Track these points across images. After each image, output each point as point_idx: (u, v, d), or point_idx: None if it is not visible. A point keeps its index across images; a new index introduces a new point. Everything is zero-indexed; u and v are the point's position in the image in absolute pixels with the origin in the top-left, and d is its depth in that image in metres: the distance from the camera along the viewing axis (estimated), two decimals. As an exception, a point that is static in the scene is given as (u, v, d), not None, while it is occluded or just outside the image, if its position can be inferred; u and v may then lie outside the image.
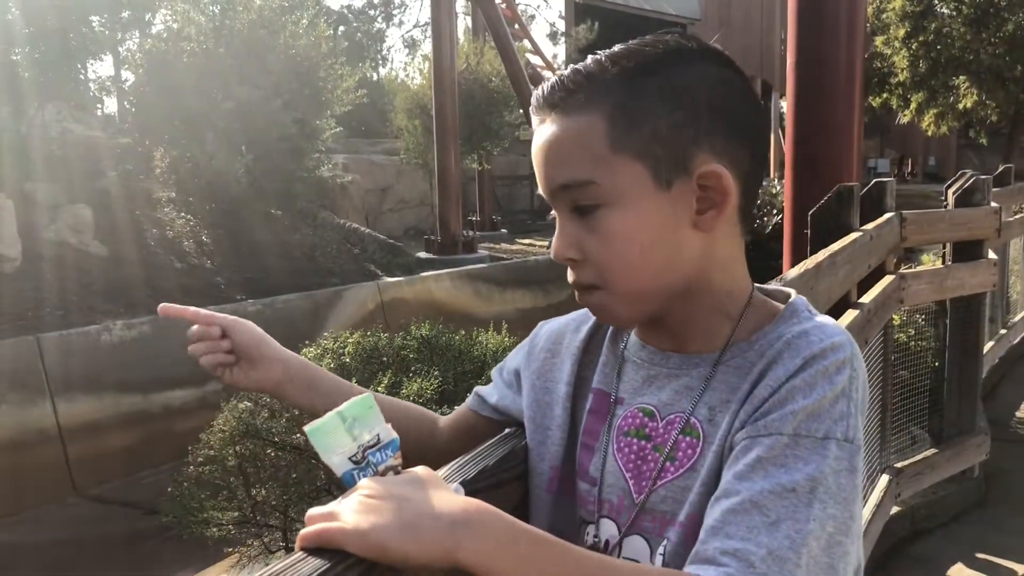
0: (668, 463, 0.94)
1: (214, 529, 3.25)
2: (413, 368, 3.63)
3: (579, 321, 1.13)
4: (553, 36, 41.07)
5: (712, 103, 0.92)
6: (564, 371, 1.09)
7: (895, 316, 4.97)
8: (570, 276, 0.96)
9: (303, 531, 0.73)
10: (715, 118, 0.92)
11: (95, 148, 12.70)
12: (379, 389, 3.33)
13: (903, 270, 4.01)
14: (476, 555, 0.69)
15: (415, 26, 44.77)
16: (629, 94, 0.90)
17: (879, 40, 16.35)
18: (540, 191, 0.97)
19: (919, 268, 4.50)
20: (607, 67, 0.92)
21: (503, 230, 22.54)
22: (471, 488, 0.94)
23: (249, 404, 3.26)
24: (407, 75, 24.07)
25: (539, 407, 1.10)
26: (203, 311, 1.17)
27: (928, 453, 4.15)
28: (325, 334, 4.07)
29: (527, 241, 19.90)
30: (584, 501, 1.03)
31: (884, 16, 16.18)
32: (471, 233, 18.54)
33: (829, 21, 4.71)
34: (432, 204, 18.65)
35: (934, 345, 4.68)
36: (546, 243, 18.23)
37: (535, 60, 25.40)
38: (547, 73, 25.18)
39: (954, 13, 15.43)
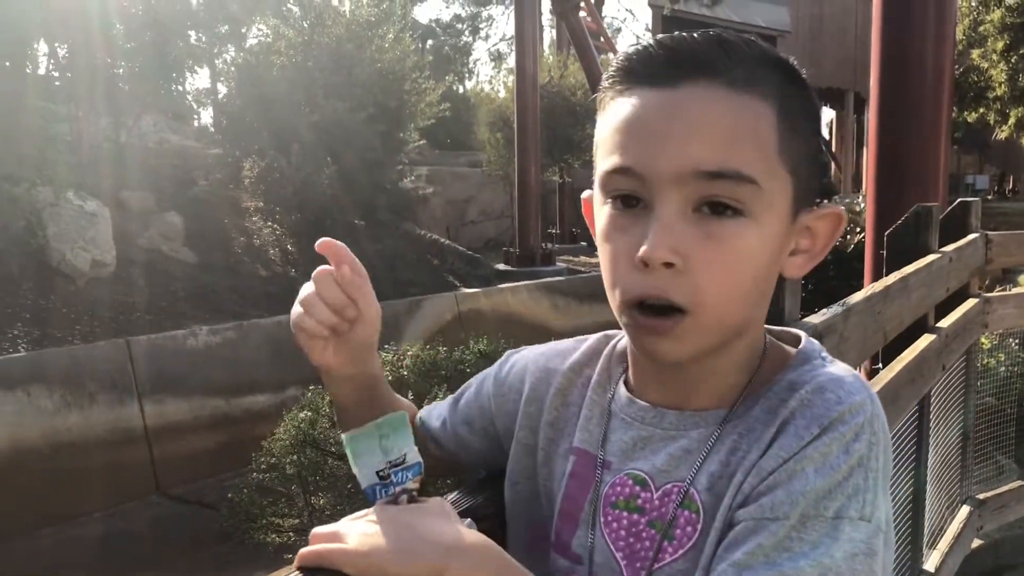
0: (666, 542, 0.82)
1: (274, 535, 3.32)
2: (470, 382, 3.64)
3: (562, 356, 0.98)
4: (639, 49, 40.84)
5: (822, 135, 0.84)
6: (551, 418, 0.95)
7: (984, 340, 4.79)
8: (643, 288, 0.76)
9: (303, 550, 0.73)
10: (824, 152, 0.85)
11: (189, 158, 13.16)
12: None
13: (989, 294, 3.85)
14: None
15: (501, 39, 45.15)
16: (788, 93, 0.78)
17: (976, 53, 15.79)
18: (629, 166, 0.76)
19: (1007, 292, 4.31)
20: (764, 50, 0.78)
21: (583, 243, 22.48)
22: None
23: (309, 414, 3.32)
24: (492, 88, 24.25)
25: (527, 457, 0.95)
26: (359, 263, 0.93)
27: (1015, 484, 3.97)
28: (385, 346, 4.12)
29: (607, 254, 19.80)
30: None
31: (982, 28, 15.63)
32: (550, 246, 18.54)
33: (916, 29, 4.56)
34: (512, 216, 18.73)
35: (1026, 372, 4.49)
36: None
37: (620, 73, 25.27)
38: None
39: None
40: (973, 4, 15.95)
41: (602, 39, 24.73)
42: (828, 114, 35.13)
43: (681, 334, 0.77)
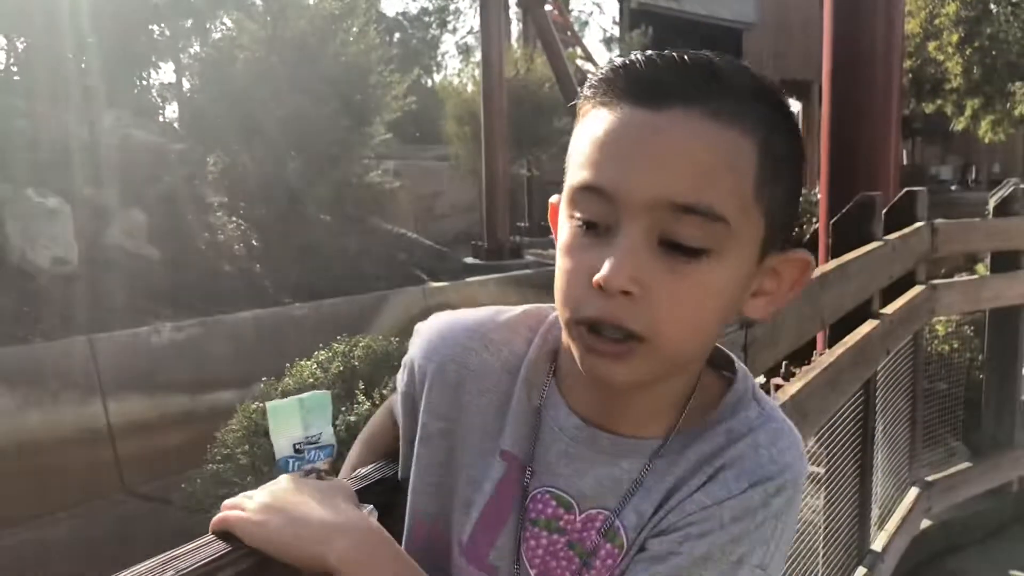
0: (584, 570, 0.80)
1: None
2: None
3: (481, 333, 0.89)
4: (608, 42, 40.97)
5: (800, 184, 0.79)
6: (475, 410, 0.87)
7: (940, 327, 4.89)
8: (595, 310, 0.72)
9: (215, 516, 0.79)
10: (798, 196, 0.80)
11: (153, 153, 13.03)
12: (384, 392, 3.42)
13: (937, 281, 3.94)
14: (342, 562, 0.72)
15: (469, 32, 45.05)
16: (774, 134, 0.74)
17: (932, 46, 16.01)
18: (600, 186, 0.72)
19: (954, 279, 4.41)
20: (757, 85, 0.74)
21: (551, 236, 22.51)
22: None
23: (262, 404, 3.36)
24: (460, 81, 24.22)
25: (438, 450, 0.88)
26: None
27: (962, 466, 4.07)
28: (338, 337, 4.17)
29: (576, 247, 19.85)
30: None
31: (937, 21, 15.86)
32: (518, 239, 18.58)
33: (866, 24, 4.64)
34: (480, 210, 18.77)
35: (979, 358, 4.59)
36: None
37: (587, 67, 25.38)
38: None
39: (1011, 18, 15.07)
40: (929, -3, 16.22)
41: (568, 33, 24.77)
42: (795, 106, 35.46)
43: (632, 361, 0.73)
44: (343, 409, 3.22)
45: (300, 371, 3.81)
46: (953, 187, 29.54)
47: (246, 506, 0.78)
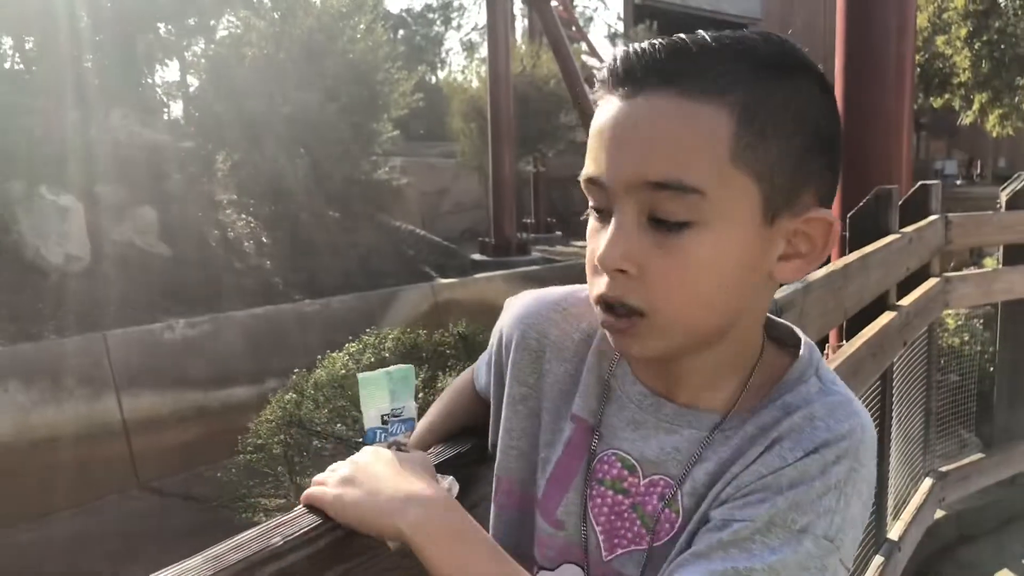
0: (645, 531, 0.84)
1: (261, 515, 3.42)
2: (449, 363, 3.77)
3: (560, 306, 0.95)
4: (612, 37, 40.95)
5: (827, 132, 0.77)
6: (553, 378, 0.93)
7: (950, 320, 4.91)
8: (602, 288, 0.78)
9: (306, 490, 0.84)
10: (827, 151, 0.78)
11: (160, 151, 13.08)
12: (417, 383, 3.44)
13: (951, 273, 3.97)
14: (413, 529, 0.74)
15: (474, 28, 45.07)
16: (759, 96, 0.74)
17: (940, 40, 15.99)
18: (596, 176, 0.77)
19: (967, 272, 4.44)
20: (737, 51, 0.75)
21: (558, 232, 22.57)
22: None
23: (295, 395, 3.41)
24: (465, 78, 24.24)
25: (521, 415, 0.94)
26: None
27: (975, 457, 4.10)
28: (367, 330, 4.23)
29: (581, 244, 19.83)
30: (543, 544, 0.90)
31: (945, 15, 15.83)
32: (525, 236, 18.62)
33: (878, 18, 4.67)
34: (487, 207, 18.80)
35: (989, 350, 4.63)
36: (601, 245, 18.20)
37: (592, 62, 25.40)
38: (604, 75, 25.10)
39: (1019, 11, 15.04)
40: (938, -9, 16.18)
41: (573, 28, 24.77)
42: (798, 101, 35.41)
43: (640, 334, 0.78)
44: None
45: (332, 362, 3.86)
46: (958, 182, 29.51)
47: (328, 480, 0.83)
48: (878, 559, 2.93)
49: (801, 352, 0.85)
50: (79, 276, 9.36)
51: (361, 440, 0.93)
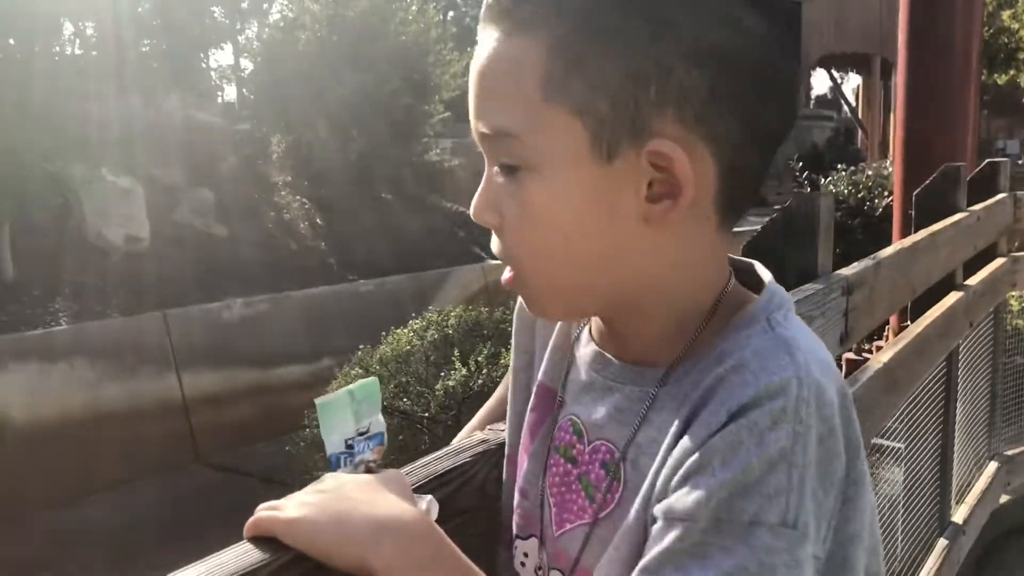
0: (588, 502, 0.76)
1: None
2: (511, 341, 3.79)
3: None
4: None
5: (697, 49, 0.65)
6: (540, 343, 0.89)
7: (1014, 302, 4.80)
8: (493, 244, 0.74)
9: (249, 520, 0.71)
10: (696, 71, 0.65)
11: (216, 134, 13.27)
12: (479, 360, 3.52)
13: (1018, 253, 3.88)
14: (385, 567, 0.65)
15: (523, 10, 44.76)
16: (585, 20, 0.65)
17: (1006, 14, 15.56)
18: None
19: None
20: None
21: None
22: (440, 483, 0.88)
23: (360, 371, 3.47)
24: (514, 59, 24.18)
25: (520, 383, 0.91)
26: None
27: (1042, 441, 4.02)
28: (429, 308, 4.27)
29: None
30: (516, 513, 0.85)
31: (1012, -11, 15.44)
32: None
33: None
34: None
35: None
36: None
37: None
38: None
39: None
40: (1004, -36, 15.72)
41: None
42: (854, 80, 34.68)
43: (521, 289, 0.75)
44: (441, 375, 3.31)
45: (397, 339, 3.87)
46: (1020, 161, 28.73)
47: (286, 505, 0.71)
48: (943, 542, 2.90)
49: (760, 296, 0.73)
50: (139, 256, 9.56)
51: (426, 416, 0.90)
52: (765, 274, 0.77)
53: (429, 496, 0.79)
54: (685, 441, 0.64)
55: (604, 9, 0.65)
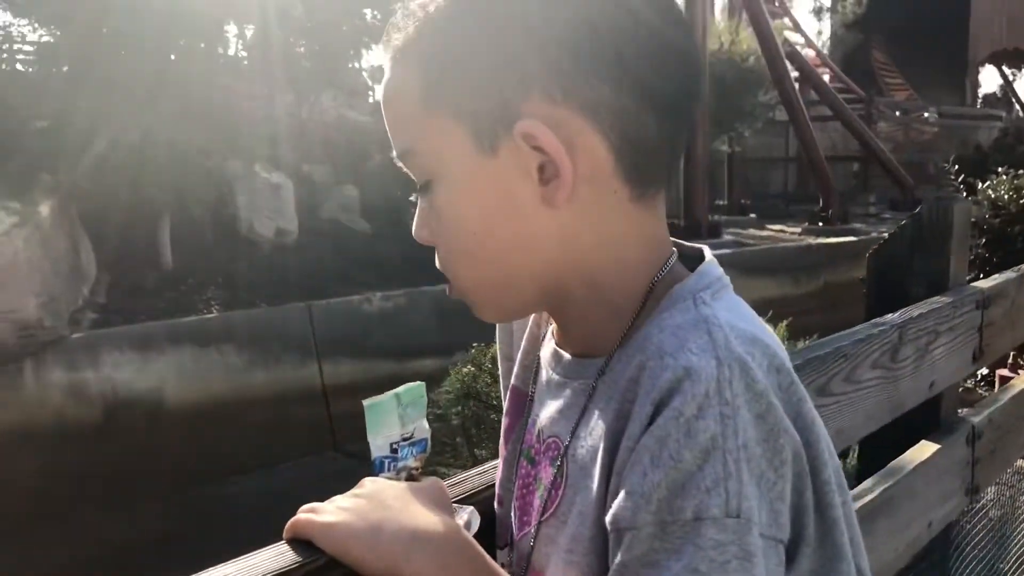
0: (541, 502, 0.74)
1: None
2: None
3: None
4: (818, 12, 39.02)
5: (551, 26, 0.66)
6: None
7: None
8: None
9: (288, 521, 0.74)
10: (554, 47, 0.66)
11: (363, 133, 13.69)
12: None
13: None
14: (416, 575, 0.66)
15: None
16: (446, 30, 0.69)
17: None
18: None
19: None
20: (420, 3, 0.71)
21: (752, 215, 21.87)
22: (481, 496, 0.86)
23: (472, 368, 3.50)
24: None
25: (505, 386, 0.93)
26: None
27: None
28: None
29: (777, 227, 19.13)
30: (498, 522, 0.85)
31: None
32: (718, 218, 18.17)
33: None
34: (676, 188, 18.48)
35: None
36: (799, 229, 17.51)
37: (794, 38, 24.33)
38: (807, 51, 24.07)
39: None
40: None
41: (776, 3, 23.82)
42: (1027, 76, 32.44)
43: (461, 297, 0.76)
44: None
45: (511, 337, 3.85)
46: None
47: (324, 510, 0.73)
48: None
49: (691, 275, 0.72)
50: (288, 249, 9.98)
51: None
52: (708, 256, 0.77)
53: (471, 508, 0.78)
54: (623, 440, 0.63)
55: (462, 14, 0.69)
